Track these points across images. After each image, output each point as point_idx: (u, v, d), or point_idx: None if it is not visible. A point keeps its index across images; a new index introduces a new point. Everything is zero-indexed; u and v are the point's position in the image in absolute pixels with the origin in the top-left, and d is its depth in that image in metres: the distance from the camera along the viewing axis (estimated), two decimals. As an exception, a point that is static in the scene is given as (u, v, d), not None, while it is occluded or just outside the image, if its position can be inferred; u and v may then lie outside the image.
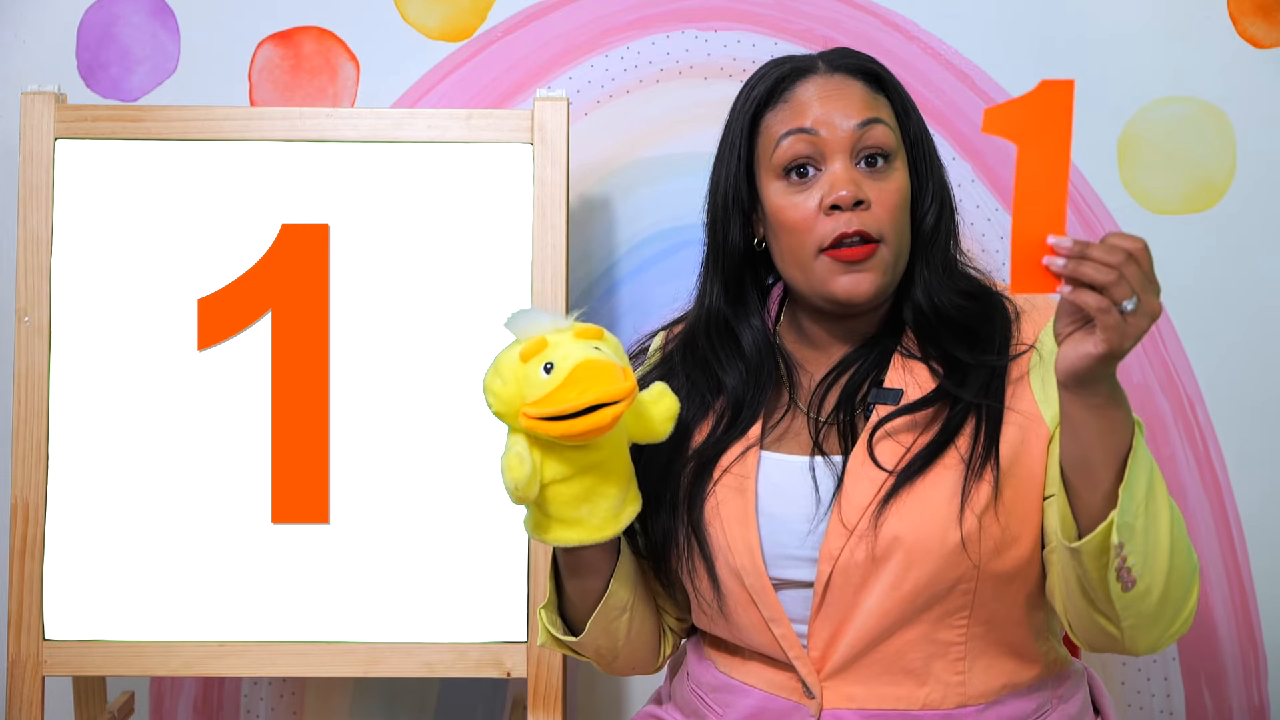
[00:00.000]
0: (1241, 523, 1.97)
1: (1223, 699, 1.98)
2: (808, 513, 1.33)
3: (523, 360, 1.21)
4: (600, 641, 1.38)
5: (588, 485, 1.24)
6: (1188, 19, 1.95)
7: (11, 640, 1.70)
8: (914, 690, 1.31)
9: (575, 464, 1.22)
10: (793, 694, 1.34)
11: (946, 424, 1.31)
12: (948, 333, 1.34)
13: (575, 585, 1.36)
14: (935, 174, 1.38)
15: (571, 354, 1.19)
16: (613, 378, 1.18)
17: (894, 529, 1.28)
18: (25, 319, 1.72)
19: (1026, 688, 1.34)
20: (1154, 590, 1.19)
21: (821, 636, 1.31)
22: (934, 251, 1.37)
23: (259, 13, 1.98)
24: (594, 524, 1.26)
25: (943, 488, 1.29)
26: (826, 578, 1.30)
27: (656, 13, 1.98)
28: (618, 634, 1.39)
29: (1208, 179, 1.96)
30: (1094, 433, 1.17)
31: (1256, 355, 1.96)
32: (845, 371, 1.38)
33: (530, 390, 1.19)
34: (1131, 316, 1.10)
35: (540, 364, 1.20)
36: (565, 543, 1.27)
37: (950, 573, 1.28)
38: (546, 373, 1.19)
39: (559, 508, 1.24)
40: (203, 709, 2.03)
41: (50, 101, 1.73)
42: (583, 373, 1.18)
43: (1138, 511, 1.17)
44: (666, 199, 1.98)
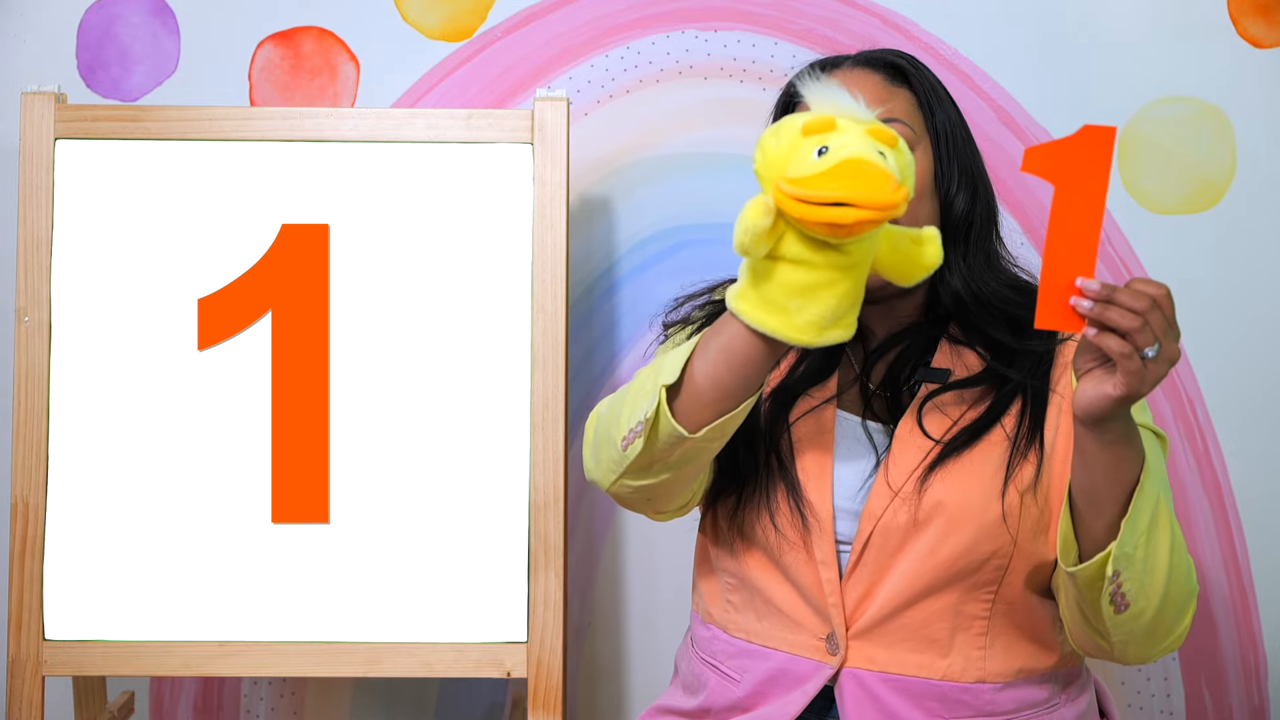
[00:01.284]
0: (1241, 523, 1.97)
1: (1223, 699, 1.98)
2: (859, 470, 1.36)
3: (804, 134, 1.16)
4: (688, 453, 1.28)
5: (814, 281, 1.16)
6: (1188, 19, 1.95)
7: (11, 640, 1.70)
8: (936, 660, 1.33)
9: (813, 255, 1.16)
10: (814, 653, 1.36)
11: (995, 403, 1.34)
12: (991, 320, 1.36)
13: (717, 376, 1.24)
14: (965, 163, 1.38)
15: (851, 146, 1.14)
16: (878, 186, 1.12)
17: (938, 494, 1.31)
18: (25, 319, 1.72)
19: (1041, 675, 1.37)
20: (1147, 613, 1.22)
21: (853, 595, 1.34)
22: (971, 240, 1.38)
23: (259, 13, 1.98)
24: (799, 322, 1.18)
25: (989, 462, 1.32)
26: (866, 536, 1.33)
27: (656, 13, 1.98)
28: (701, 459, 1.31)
29: (1208, 179, 1.96)
30: (1104, 467, 1.19)
31: (1256, 355, 1.96)
32: (890, 350, 1.40)
33: (796, 165, 1.15)
34: (1152, 363, 1.13)
35: (818, 143, 1.15)
36: (760, 326, 1.18)
37: (987, 544, 1.30)
38: (819, 155, 1.14)
39: (775, 288, 1.17)
40: (203, 709, 2.03)
41: (50, 101, 1.73)
42: (850, 169, 1.12)
43: (1138, 542, 1.19)
44: (666, 199, 1.97)
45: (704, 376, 1.24)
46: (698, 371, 1.25)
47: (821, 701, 1.37)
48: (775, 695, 1.37)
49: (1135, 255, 1.96)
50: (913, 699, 1.33)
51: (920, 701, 1.33)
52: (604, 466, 1.37)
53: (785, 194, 1.13)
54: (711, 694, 1.42)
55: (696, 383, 1.25)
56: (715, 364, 1.24)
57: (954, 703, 1.33)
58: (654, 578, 2.01)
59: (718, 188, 1.96)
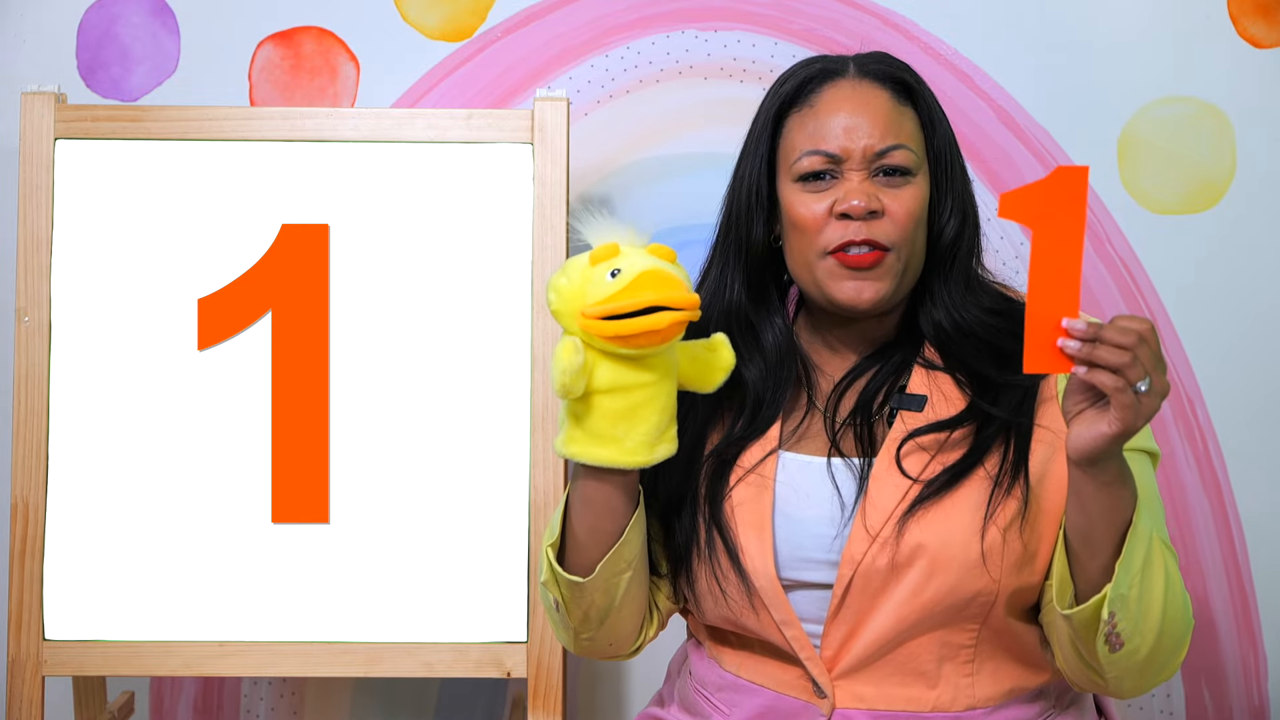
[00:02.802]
0: (1241, 523, 1.97)
1: (1223, 699, 1.98)
2: (828, 514, 1.32)
3: (591, 263, 1.20)
4: (597, 596, 1.33)
5: (632, 403, 1.22)
6: (1188, 19, 1.95)
7: (11, 640, 1.70)
8: (924, 692, 1.31)
9: (624, 377, 1.21)
10: (802, 693, 1.34)
11: (977, 442, 1.31)
12: (973, 350, 1.34)
13: (588, 524, 1.30)
14: (957, 188, 1.37)
15: (640, 263, 1.19)
16: (677, 287, 1.18)
17: (918, 537, 1.28)
18: (25, 319, 1.72)
19: (1031, 693, 1.35)
20: (1141, 650, 1.22)
21: (836, 637, 1.32)
22: (954, 267, 1.36)
23: (259, 13, 1.98)
24: (628, 446, 1.23)
25: (969, 501, 1.29)
26: (847, 581, 1.30)
27: (656, 13, 1.98)
28: (616, 592, 1.34)
29: (1208, 179, 1.96)
30: (1100, 509, 1.19)
31: (1256, 355, 1.96)
32: (862, 375, 1.37)
33: (593, 291, 1.19)
34: (1145, 396, 1.12)
35: (608, 268, 1.20)
36: (594, 460, 1.24)
37: (970, 585, 1.28)
38: (612, 277, 1.19)
39: (598, 420, 1.22)
40: (203, 709, 2.03)
41: (50, 101, 1.73)
42: (648, 279, 1.18)
43: (1132, 583, 1.19)
44: (666, 199, 1.97)
45: (580, 528, 1.31)
46: (575, 526, 1.31)
47: None
48: None
49: (1135, 255, 1.96)
50: None
51: None
52: (561, 636, 1.42)
53: (592, 318, 1.18)
54: None
55: (577, 535, 1.31)
56: (582, 516, 1.30)
57: None
58: (654, 578, 2.01)
59: (718, 188, 1.94)
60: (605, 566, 1.30)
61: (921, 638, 1.30)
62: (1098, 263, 1.95)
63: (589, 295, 1.20)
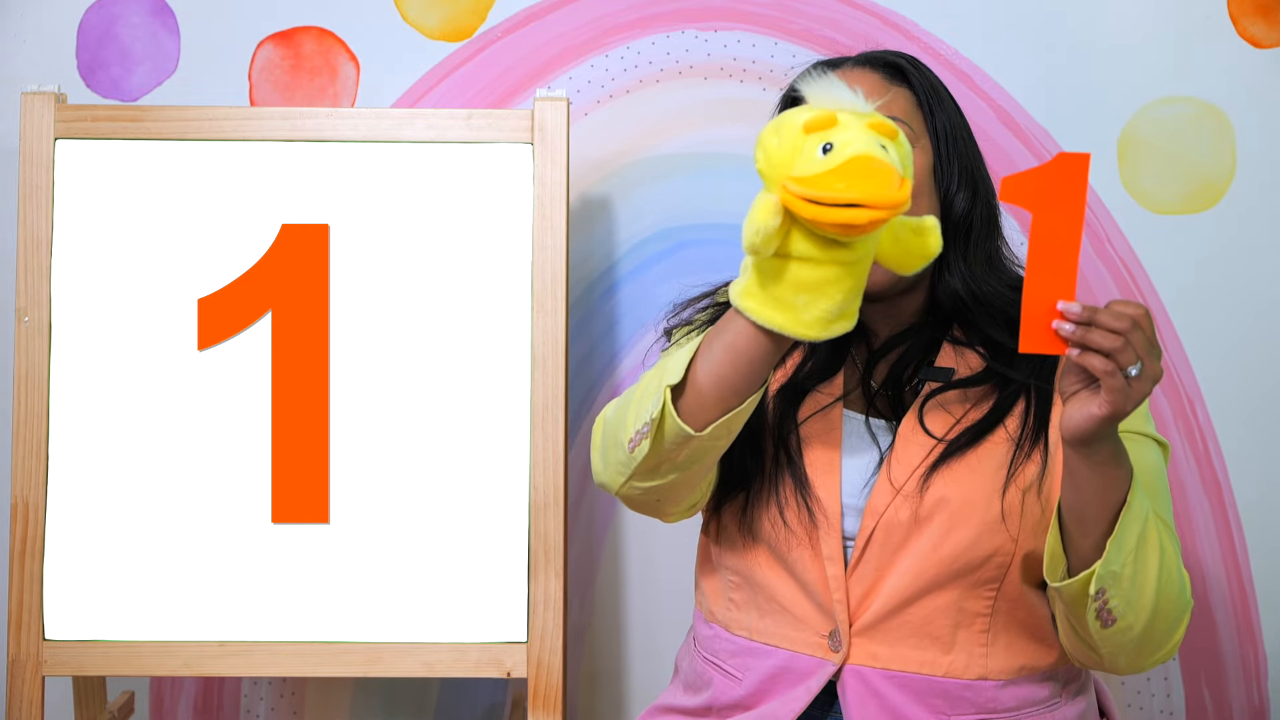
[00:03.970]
0: (1241, 523, 1.97)
1: (1223, 699, 1.98)
2: (862, 466, 1.36)
3: (806, 131, 1.15)
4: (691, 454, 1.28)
5: (821, 277, 1.16)
6: (1188, 19, 1.95)
7: (11, 640, 1.70)
8: (939, 656, 1.34)
9: (819, 251, 1.15)
10: (816, 650, 1.36)
11: (998, 403, 1.35)
12: (991, 320, 1.37)
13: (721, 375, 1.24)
14: (966, 164, 1.39)
15: (855, 142, 1.13)
16: (887, 183, 1.12)
17: (941, 491, 1.32)
18: (25, 319, 1.72)
19: (1042, 673, 1.37)
20: (1135, 627, 1.24)
21: (856, 591, 1.35)
22: (971, 243, 1.38)
23: (259, 13, 1.98)
24: (804, 319, 1.18)
25: (991, 459, 1.33)
26: (869, 533, 1.33)
27: (656, 13, 1.98)
28: (708, 457, 1.31)
29: (1208, 179, 1.96)
30: (1094, 489, 1.21)
31: (1256, 355, 1.96)
32: (892, 351, 1.40)
33: (802, 163, 1.14)
34: (1135, 380, 1.14)
35: (821, 140, 1.14)
36: (767, 323, 1.18)
37: (989, 541, 1.31)
38: (824, 152, 1.13)
39: (781, 284, 1.17)
40: (203, 709, 2.03)
41: (50, 101, 1.73)
42: (858, 167, 1.12)
43: (1125, 560, 1.21)
44: (666, 199, 1.97)
45: (708, 375, 1.24)
46: (701, 371, 1.25)
47: (824, 698, 1.37)
48: (778, 693, 1.37)
49: (1135, 255, 1.96)
50: (915, 696, 1.34)
51: (923, 698, 1.34)
52: (612, 469, 1.36)
53: (794, 194, 1.12)
54: (715, 692, 1.42)
55: (700, 382, 1.25)
56: (720, 362, 1.24)
57: (956, 700, 1.34)
58: (654, 578, 2.01)
59: (718, 188, 1.96)
60: (719, 426, 1.25)
61: (938, 599, 1.33)
62: (1097, 262, 1.96)
63: (796, 166, 1.14)
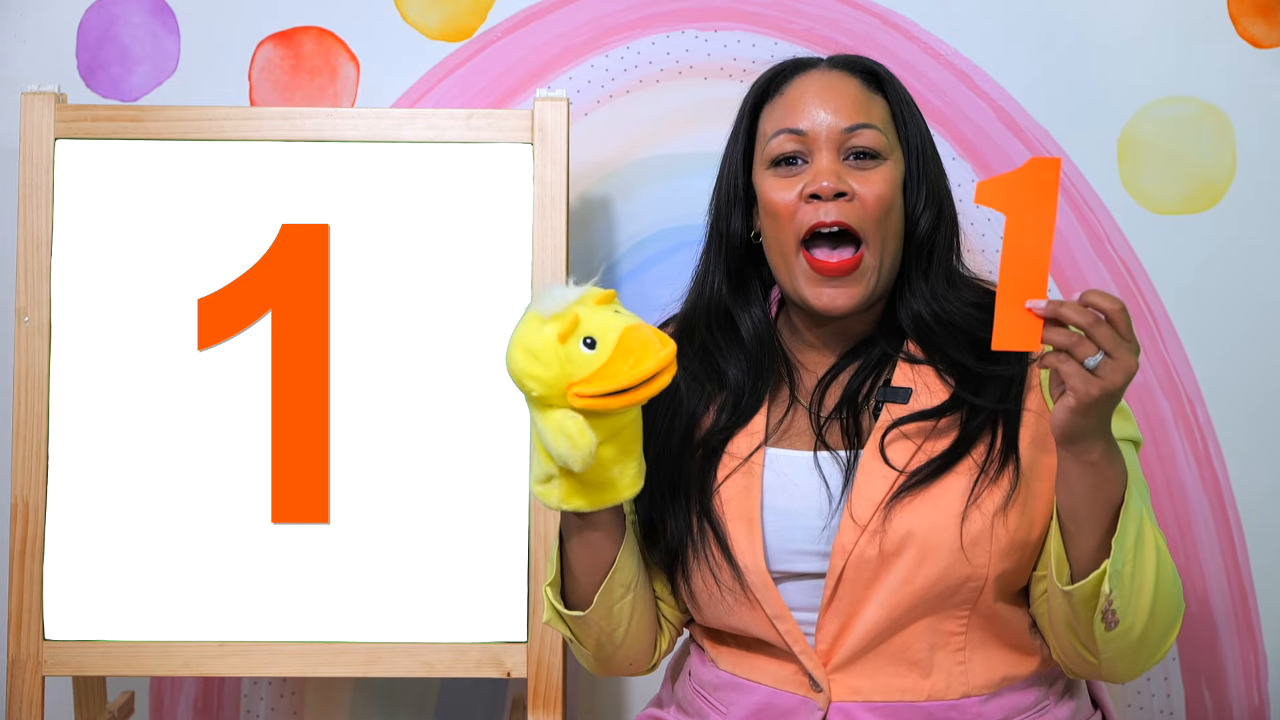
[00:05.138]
0: (1241, 523, 1.97)
1: (1223, 699, 1.98)
2: (815, 507, 1.34)
3: (561, 341, 1.20)
4: (603, 623, 1.36)
5: (620, 446, 1.24)
6: (1188, 19, 1.95)
7: (11, 640, 1.70)
8: (919, 681, 1.32)
9: (612, 427, 1.23)
10: (799, 688, 1.35)
11: (964, 431, 1.32)
12: (954, 341, 1.36)
13: (585, 560, 1.33)
14: (931, 179, 1.39)
15: (608, 325, 1.20)
16: (657, 339, 1.20)
17: (906, 524, 1.29)
18: (25, 319, 1.72)
19: (1025, 680, 1.36)
20: (1135, 629, 1.23)
21: (830, 629, 1.33)
22: (933, 262, 1.38)
23: (259, 13, 1.98)
24: (624, 483, 1.26)
25: (956, 489, 1.30)
26: (839, 572, 1.31)
27: (656, 13, 1.98)
28: (621, 616, 1.37)
29: (1208, 179, 1.96)
30: (1086, 489, 1.20)
31: (1256, 355, 1.96)
32: (844, 370, 1.39)
33: (576, 369, 1.19)
34: (1097, 372, 1.15)
35: (578, 340, 1.19)
36: (598, 505, 1.26)
37: (960, 570, 1.29)
38: (589, 348, 1.19)
39: (597, 471, 1.24)
40: (203, 709, 2.03)
41: (50, 101, 1.73)
42: (629, 342, 1.19)
43: (1126, 559, 1.20)
44: (666, 199, 1.98)
45: (579, 567, 1.34)
46: (573, 566, 1.35)
47: None
48: None
49: (1135, 255, 1.96)
50: None
51: None
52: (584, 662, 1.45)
53: (593, 397, 1.19)
54: None
55: (575, 574, 1.35)
56: (580, 556, 1.33)
57: None
58: (654, 578, 2.01)
59: (718, 188, 1.96)
60: (603, 595, 1.34)
61: (914, 626, 1.31)
62: (1098, 262, 1.95)
63: (574, 374, 1.19)
